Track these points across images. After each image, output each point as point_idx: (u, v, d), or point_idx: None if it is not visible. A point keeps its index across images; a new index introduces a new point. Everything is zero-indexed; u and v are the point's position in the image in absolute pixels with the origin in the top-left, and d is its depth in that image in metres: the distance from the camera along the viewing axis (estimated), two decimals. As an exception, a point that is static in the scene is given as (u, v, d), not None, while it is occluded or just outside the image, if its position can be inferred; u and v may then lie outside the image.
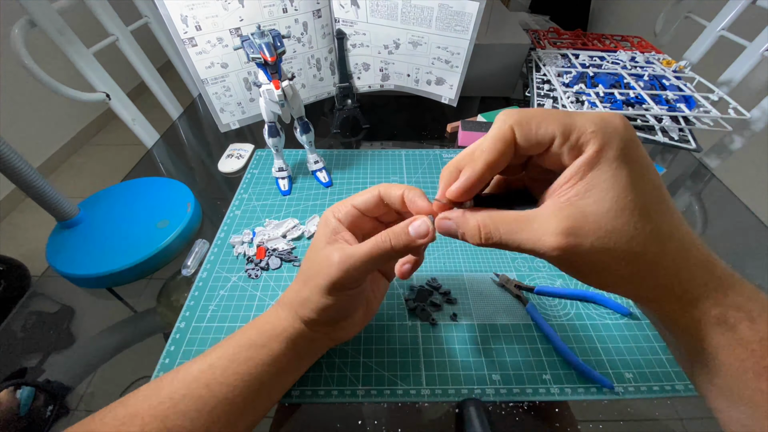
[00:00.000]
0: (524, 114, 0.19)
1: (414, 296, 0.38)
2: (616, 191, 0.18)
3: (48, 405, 0.31)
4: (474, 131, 0.58)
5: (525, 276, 0.40)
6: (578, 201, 0.18)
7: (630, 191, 0.18)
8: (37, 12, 0.53)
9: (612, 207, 0.18)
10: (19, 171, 0.37)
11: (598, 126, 0.18)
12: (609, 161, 0.18)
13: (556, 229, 0.18)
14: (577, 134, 0.18)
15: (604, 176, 0.18)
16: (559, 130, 0.18)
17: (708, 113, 0.53)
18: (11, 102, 1.63)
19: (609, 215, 0.18)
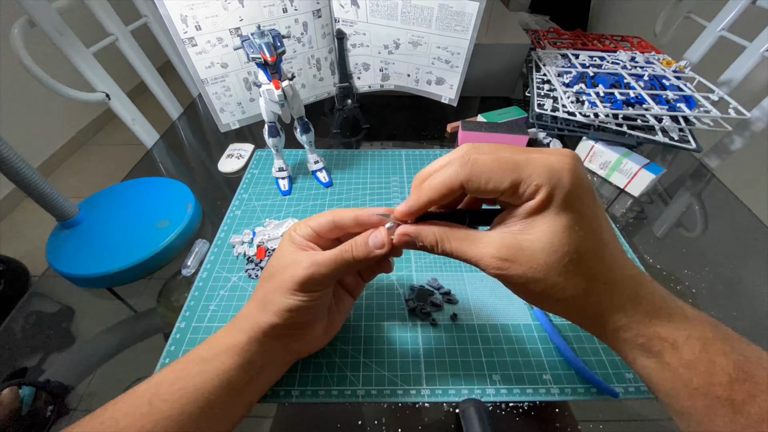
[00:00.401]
0: (475, 169, 0.21)
1: (414, 296, 0.38)
2: (552, 234, 0.20)
3: (48, 405, 0.31)
4: (474, 131, 0.58)
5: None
6: (518, 235, 0.21)
7: (564, 235, 0.20)
8: (36, 12, 0.53)
9: (546, 246, 0.20)
10: (19, 171, 0.37)
11: (545, 178, 0.20)
12: (550, 209, 0.20)
13: (494, 253, 0.21)
14: (524, 187, 0.20)
15: (544, 220, 0.20)
16: (507, 185, 0.20)
17: (708, 113, 0.53)
18: (11, 102, 1.63)
19: (543, 253, 0.20)
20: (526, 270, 0.21)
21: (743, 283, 0.40)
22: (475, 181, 0.21)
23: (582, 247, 0.20)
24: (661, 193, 0.53)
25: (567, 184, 0.20)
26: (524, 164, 0.20)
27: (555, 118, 0.58)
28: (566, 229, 0.20)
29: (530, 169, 0.20)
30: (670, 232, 0.47)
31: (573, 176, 0.20)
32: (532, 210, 0.20)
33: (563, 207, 0.20)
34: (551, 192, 0.20)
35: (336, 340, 0.35)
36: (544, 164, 0.20)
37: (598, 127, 0.55)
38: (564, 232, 0.20)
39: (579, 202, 0.20)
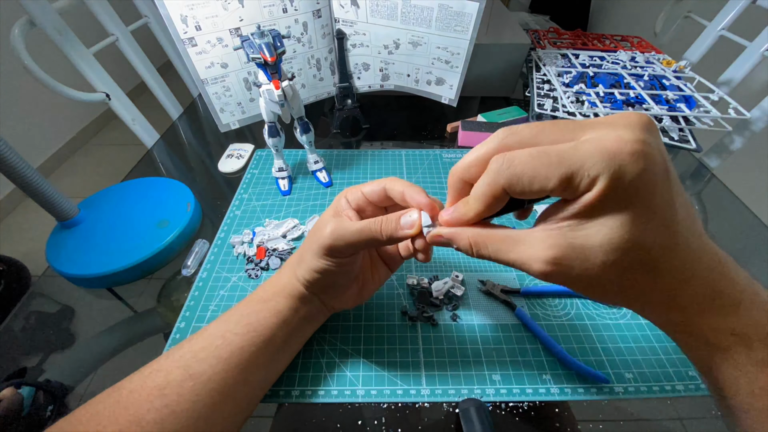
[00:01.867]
0: (514, 172, 0.18)
1: (413, 300, 0.38)
2: (612, 230, 0.17)
3: (48, 405, 0.31)
4: (474, 131, 0.58)
5: (525, 275, 0.40)
6: (569, 232, 0.18)
7: (627, 231, 0.17)
8: (37, 12, 0.53)
9: (604, 244, 0.17)
10: (19, 171, 0.37)
11: (601, 166, 0.16)
12: (609, 205, 0.17)
13: (542, 256, 0.19)
14: (578, 180, 0.17)
15: (602, 215, 0.17)
16: (555, 183, 0.17)
17: (708, 113, 0.53)
18: (11, 102, 1.63)
19: (600, 251, 0.17)
20: (580, 272, 0.18)
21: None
22: (517, 185, 0.18)
23: (649, 243, 0.17)
24: (661, 193, 0.53)
25: (631, 171, 0.16)
26: (572, 153, 0.17)
27: (555, 118, 0.58)
28: (629, 224, 0.17)
29: (580, 158, 0.16)
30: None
31: (638, 158, 0.16)
32: (589, 205, 0.17)
33: (626, 198, 0.16)
34: (611, 183, 0.16)
35: (336, 340, 0.35)
36: (598, 149, 0.16)
37: (598, 127, 0.55)
38: (626, 227, 0.17)
39: (646, 190, 0.16)
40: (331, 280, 0.29)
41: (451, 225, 0.23)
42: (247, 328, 0.28)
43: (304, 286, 0.30)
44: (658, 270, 0.18)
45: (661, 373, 0.32)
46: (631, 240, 0.17)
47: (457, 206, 0.22)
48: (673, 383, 0.32)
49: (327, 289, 0.31)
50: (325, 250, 0.27)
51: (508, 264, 0.21)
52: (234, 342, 0.27)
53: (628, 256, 0.17)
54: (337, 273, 0.28)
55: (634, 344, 0.34)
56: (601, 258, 0.18)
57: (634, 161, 0.16)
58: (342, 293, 0.31)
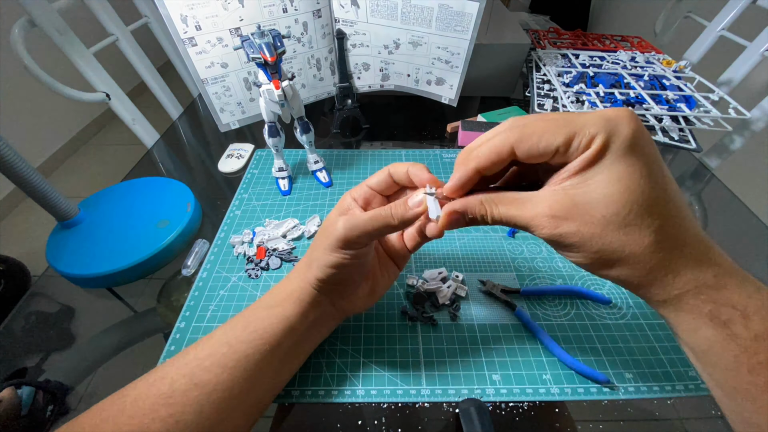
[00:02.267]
0: (524, 129, 0.20)
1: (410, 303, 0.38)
2: (609, 183, 0.19)
3: (48, 405, 0.31)
4: (474, 131, 0.58)
5: (525, 275, 0.40)
6: (571, 190, 0.20)
7: (624, 184, 0.18)
8: (37, 12, 0.53)
9: (603, 197, 0.19)
10: (19, 171, 0.37)
11: (599, 126, 0.18)
12: (607, 158, 0.19)
13: (544, 211, 0.20)
14: (579, 139, 0.19)
15: (600, 170, 0.19)
16: (561, 140, 0.19)
17: (708, 113, 0.53)
18: (11, 102, 1.63)
19: (599, 205, 0.19)
20: (580, 226, 0.19)
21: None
22: (526, 141, 0.20)
23: (644, 196, 0.18)
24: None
25: (625, 131, 0.18)
26: (576, 118, 0.19)
27: (555, 118, 0.58)
28: (626, 177, 0.18)
29: (584, 120, 0.19)
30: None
31: (631, 123, 0.19)
32: (587, 161, 0.19)
33: (622, 154, 0.18)
34: (607, 139, 0.18)
35: (336, 340, 0.35)
36: (599, 115, 0.19)
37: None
38: (623, 180, 0.18)
39: (639, 149, 0.19)
40: (344, 275, 0.29)
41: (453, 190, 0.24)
42: (254, 335, 0.27)
43: (315, 287, 0.29)
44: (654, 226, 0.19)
45: (661, 373, 0.32)
46: (628, 191, 0.18)
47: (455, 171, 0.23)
48: (673, 383, 0.32)
49: (340, 287, 0.30)
50: (339, 243, 0.27)
51: (516, 224, 0.22)
52: (240, 350, 0.27)
53: (626, 207, 0.18)
54: (351, 266, 0.28)
55: (634, 344, 0.34)
56: (601, 211, 0.19)
57: (628, 122, 0.19)
58: (354, 291, 0.31)
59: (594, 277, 0.40)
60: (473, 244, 0.44)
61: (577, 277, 0.40)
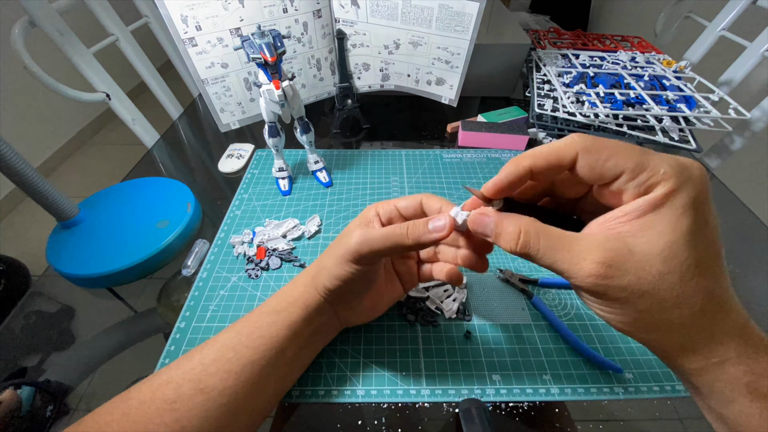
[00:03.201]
0: (596, 142, 0.19)
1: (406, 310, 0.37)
2: (673, 237, 0.17)
3: (48, 405, 0.31)
4: (474, 131, 0.58)
5: (527, 276, 0.40)
6: (628, 237, 0.18)
7: (688, 240, 0.17)
8: (37, 12, 0.53)
9: (663, 251, 0.17)
10: (19, 171, 0.37)
11: (674, 169, 0.17)
12: (675, 207, 0.17)
13: (596, 257, 0.18)
14: (648, 174, 0.17)
15: (664, 219, 0.17)
16: (629, 166, 0.18)
17: (708, 113, 0.53)
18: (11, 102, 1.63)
19: (658, 258, 0.17)
20: (633, 280, 0.17)
21: (743, 283, 0.40)
22: (594, 154, 0.18)
23: (703, 256, 0.17)
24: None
25: (698, 183, 0.17)
26: (652, 153, 0.18)
27: (555, 118, 0.58)
28: (690, 233, 0.17)
29: (658, 159, 0.18)
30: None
31: (703, 175, 0.17)
32: (652, 203, 0.17)
33: (689, 207, 0.17)
34: (679, 186, 0.17)
35: (336, 341, 0.35)
36: (673, 158, 0.18)
37: (599, 127, 0.55)
38: (687, 236, 0.17)
39: (705, 205, 0.17)
40: (351, 288, 0.29)
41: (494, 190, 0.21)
42: (259, 341, 0.27)
43: (323, 295, 0.29)
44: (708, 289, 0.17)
45: (661, 373, 0.32)
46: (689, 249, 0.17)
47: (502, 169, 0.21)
48: (673, 383, 0.32)
49: (345, 299, 0.30)
50: (350, 257, 0.27)
51: (551, 266, 0.19)
52: (245, 355, 0.26)
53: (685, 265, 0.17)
54: (358, 281, 0.28)
55: (634, 344, 0.34)
56: (658, 266, 0.17)
57: (701, 174, 0.17)
58: (358, 304, 0.31)
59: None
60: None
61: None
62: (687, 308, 0.17)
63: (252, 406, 0.27)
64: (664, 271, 0.17)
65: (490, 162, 0.56)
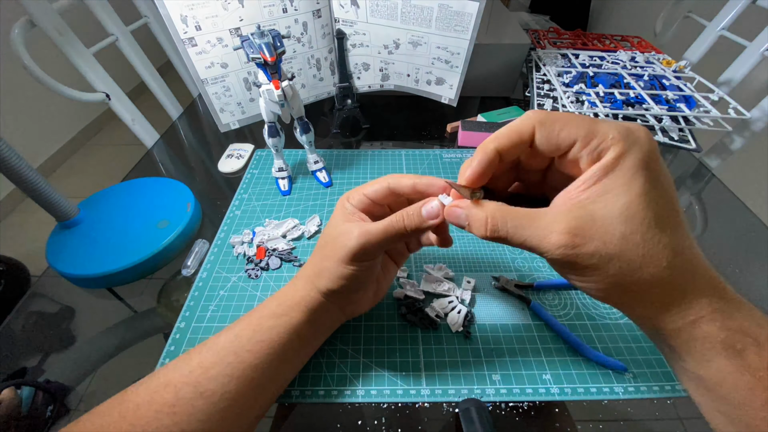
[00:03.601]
0: (549, 115, 0.20)
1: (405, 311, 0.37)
2: (629, 197, 0.18)
3: (48, 405, 0.31)
4: (474, 131, 0.58)
5: (525, 276, 0.40)
6: (588, 204, 0.19)
7: (643, 199, 0.18)
8: (37, 12, 0.53)
9: (622, 212, 0.18)
10: (19, 171, 0.37)
11: (621, 134, 0.18)
12: (626, 168, 0.18)
13: (561, 227, 0.18)
14: (599, 140, 0.19)
15: (618, 182, 0.18)
16: (581, 134, 0.19)
17: (708, 113, 0.53)
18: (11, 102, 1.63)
19: (618, 220, 0.18)
20: (599, 245, 0.18)
21: (743, 283, 0.40)
22: (548, 126, 0.20)
23: (662, 215, 0.18)
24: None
25: (644, 144, 0.18)
26: (600, 121, 0.19)
27: (555, 118, 0.58)
28: (645, 193, 0.18)
29: (606, 125, 0.19)
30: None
31: (648, 136, 0.19)
32: (605, 168, 0.18)
33: (640, 167, 0.18)
34: (627, 148, 0.18)
35: (336, 341, 0.35)
36: (620, 124, 0.19)
37: (598, 127, 0.55)
38: (642, 195, 0.18)
39: (656, 163, 0.18)
40: (357, 285, 0.29)
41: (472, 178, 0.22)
42: (261, 345, 0.27)
43: (325, 296, 0.29)
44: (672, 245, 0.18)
45: (661, 373, 0.32)
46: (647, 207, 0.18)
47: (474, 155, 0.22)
48: (673, 383, 0.32)
49: (350, 295, 0.30)
50: (352, 256, 0.26)
51: (521, 244, 0.20)
52: (246, 360, 0.26)
53: (644, 223, 0.18)
54: (363, 276, 0.28)
55: (633, 344, 0.34)
56: (620, 228, 0.18)
57: (647, 137, 0.19)
58: (363, 296, 0.31)
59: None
60: (473, 245, 0.44)
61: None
62: (654, 266, 0.18)
63: (252, 409, 0.27)
64: (626, 232, 0.18)
65: (490, 162, 0.56)
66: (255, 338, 0.27)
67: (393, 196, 0.29)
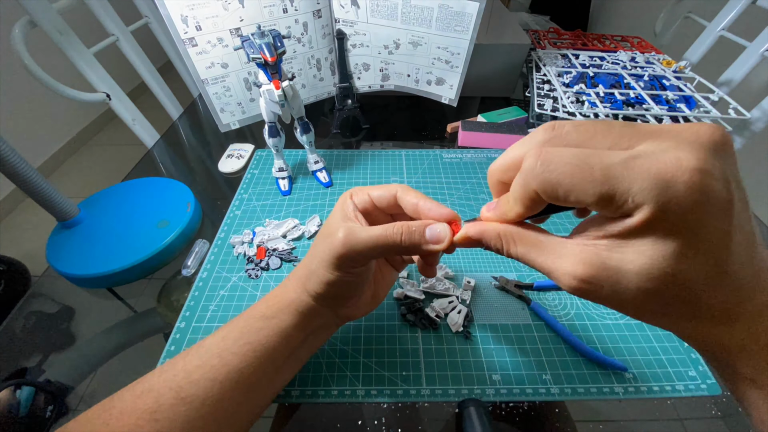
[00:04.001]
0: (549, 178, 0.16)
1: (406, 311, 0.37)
2: (652, 260, 0.15)
3: (48, 405, 0.31)
4: (474, 131, 0.58)
5: (526, 276, 0.40)
6: (604, 252, 0.16)
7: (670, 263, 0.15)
8: (37, 12, 0.53)
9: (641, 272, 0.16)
10: (20, 171, 0.37)
11: (649, 195, 0.14)
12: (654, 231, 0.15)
13: (572, 271, 0.17)
14: (621, 202, 0.15)
15: (644, 242, 0.15)
16: (594, 199, 0.15)
17: (708, 113, 0.53)
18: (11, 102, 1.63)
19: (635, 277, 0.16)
20: (610, 293, 0.17)
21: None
22: (551, 192, 0.16)
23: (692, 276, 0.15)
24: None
25: (683, 204, 0.14)
26: (619, 171, 0.15)
27: (555, 118, 0.58)
28: (672, 256, 0.15)
29: (628, 178, 0.14)
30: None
31: (693, 191, 0.14)
32: (629, 230, 0.15)
33: (674, 230, 0.15)
34: (657, 214, 0.14)
35: (336, 340, 0.35)
36: (650, 173, 0.14)
37: (598, 127, 0.55)
38: (669, 259, 0.15)
39: (697, 224, 0.14)
40: (345, 291, 0.28)
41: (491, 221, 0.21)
42: (247, 347, 0.26)
43: (315, 299, 0.28)
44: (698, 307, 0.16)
45: (660, 373, 0.32)
46: (672, 274, 0.15)
47: (499, 202, 0.21)
48: (673, 383, 0.32)
49: (341, 300, 0.29)
50: (337, 261, 0.25)
51: (535, 268, 0.20)
52: (231, 363, 0.25)
53: (666, 290, 0.16)
54: (351, 282, 0.27)
55: (634, 344, 0.34)
56: (635, 284, 0.16)
57: (688, 194, 0.14)
58: (357, 301, 0.30)
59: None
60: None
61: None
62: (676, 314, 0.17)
63: (239, 414, 0.26)
64: (641, 288, 0.16)
65: (490, 162, 0.56)
66: (242, 340, 0.26)
67: (397, 206, 0.27)
